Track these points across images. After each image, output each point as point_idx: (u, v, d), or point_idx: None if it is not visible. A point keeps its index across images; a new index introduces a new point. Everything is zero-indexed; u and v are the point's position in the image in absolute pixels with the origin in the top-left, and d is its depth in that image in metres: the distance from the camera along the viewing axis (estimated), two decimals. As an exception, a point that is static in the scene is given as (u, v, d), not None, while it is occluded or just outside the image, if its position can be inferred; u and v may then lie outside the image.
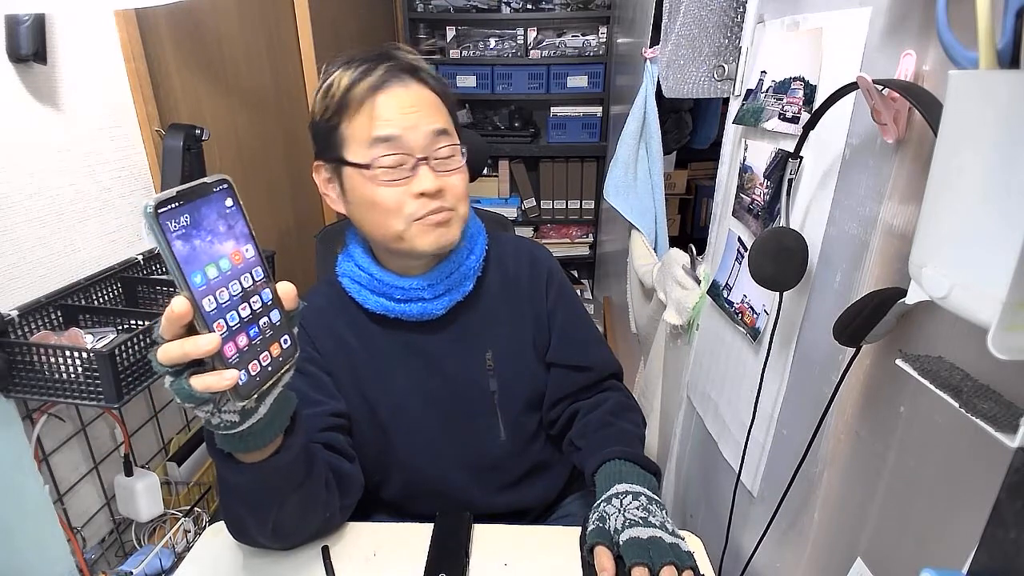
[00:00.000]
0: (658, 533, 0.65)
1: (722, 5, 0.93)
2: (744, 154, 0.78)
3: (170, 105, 1.24)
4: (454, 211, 0.78)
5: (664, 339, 1.26)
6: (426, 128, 0.74)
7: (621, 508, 0.69)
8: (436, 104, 0.77)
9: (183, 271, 0.44)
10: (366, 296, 0.82)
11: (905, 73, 0.48)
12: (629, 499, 0.71)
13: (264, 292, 0.51)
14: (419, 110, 0.75)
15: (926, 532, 0.46)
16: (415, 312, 0.81)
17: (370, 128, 0.73)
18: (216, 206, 0.47)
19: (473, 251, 0.84)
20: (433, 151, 0.75)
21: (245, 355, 0.49)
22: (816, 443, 0.59)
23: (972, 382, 0.39)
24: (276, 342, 0.52)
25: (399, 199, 0.75)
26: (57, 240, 0.94)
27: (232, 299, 0.48)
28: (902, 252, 0.49)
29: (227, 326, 0.47)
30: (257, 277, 0.51)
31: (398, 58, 0.77)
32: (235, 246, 0.49)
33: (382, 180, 0.74)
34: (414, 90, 0.76)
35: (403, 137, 0.73)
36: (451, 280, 0.82)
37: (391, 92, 0.74)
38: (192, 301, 0.45)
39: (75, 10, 0.97)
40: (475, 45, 2.75)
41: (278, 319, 0.52)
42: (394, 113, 0.74)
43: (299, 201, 1.85)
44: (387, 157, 0.73)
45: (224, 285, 0.47)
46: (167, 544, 1.03)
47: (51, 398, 0.81)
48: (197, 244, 0.45)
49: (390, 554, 0.76)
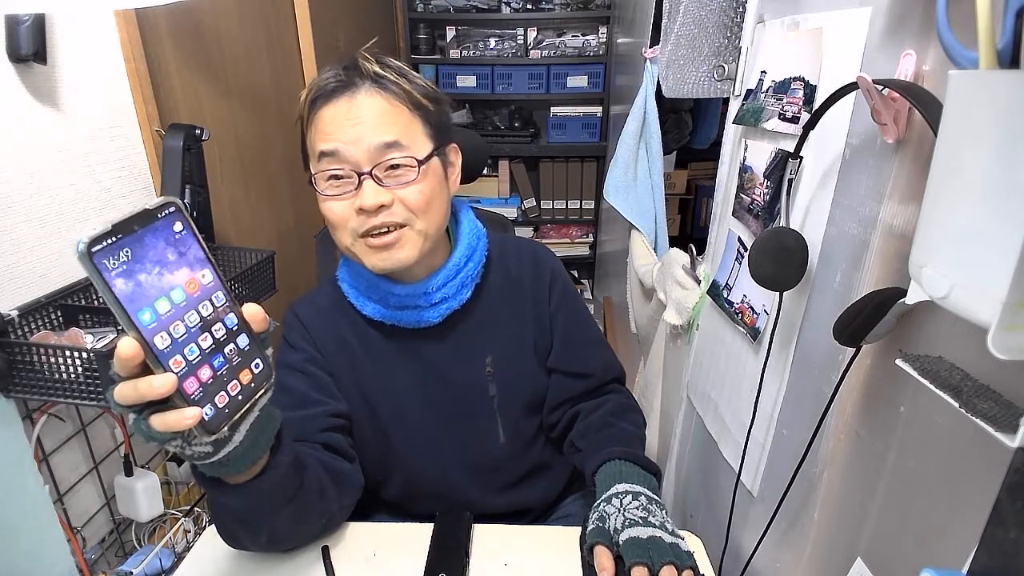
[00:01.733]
0: (658, 533, 0.65)
1: (722, 5, 0.93)
2: (744, 154, 0.78)
3: (170, 105, 1.24)
4: (407, 227, 0.74)
5: (664, 339, 1.26)
6: (370, 141, 0.71)
7: (621, 508, 0.69)
8: (387, 112, 0.72)
9: (127, 311, 0.41)
10: (363, 302, 0.82)
11: (905, 73, 0.48)
12: (629, 499, 0.70)
13: (228, 318, 0.48)
14: (363, 122, 0.71)
15: (926, 532, 0.46)
16: (411, 320, 0.81)
17: (316, 141, 0.73)
18: (163, 234, 0.44)
19: (471, 258, 0.82)
20: (380, 164, 0.71)
21: (210, 388, 0.46)
22: (816, 443, 0.59)
23: (972, 382, 0.39)
24: (246, 368, 0.49)
25: (343, 213, 0.73)
26: (57, 240, 0.94)
27: (190, 331, 0.45)
28: (902, 252, 0.49)
29: (186, 361, 0.45)
30: (218, 303, 0.47)
31: (358, 66, 0.73)
32: (189, 273, 0.45)
33: (326, 194, 0.73)
34: (360, 98, 0.72)
35: (343, 151, 0.71)
36: (447, 289, 0.80)
37: (337, 103, 0.72)
38: (142, 341, 0.42)
39: (75, 10, 0.97)
40: (475, 45, 2.75)
41: (246, 344, 0.50)
42: (336, 126, 0.71)
43: (299, 201, 1.85)
44: (329, 171, 0.72)
45: (179, 318, 0.44)
46: (167, 544, 1.03)
47: (51, 398, 0.81)
48: (143, 279, 0.42)
49: (390, 554, 0.76)
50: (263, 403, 0.53)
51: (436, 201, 0.76)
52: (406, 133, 0.73)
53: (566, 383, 0.89)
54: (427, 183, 0.74)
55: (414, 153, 0.73)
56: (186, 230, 0.45)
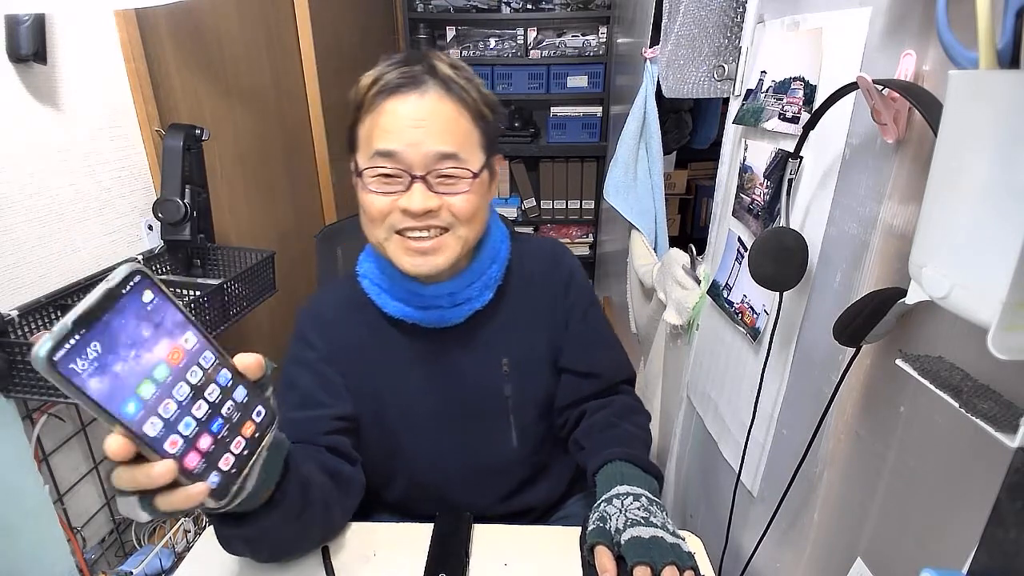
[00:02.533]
0: (660, 533, 0.65)
1: (722, 5, 0.93)
2: (744, 154, 0.78)
3: (170, 105, 1.24)
4: (449, 231, 0.74)
5: (664, 339, 1.26)
6: (429, 149, 0.70)
7: (622, 508, 0.69)
8: (452, 120, 0.71)
9: (108, 409, 0.37)
10: (385, 300, 0.81)
11: (905, 73, 0.48)
12: (630, 500, 0.70)
13: (220, 376, 0.45)
14: (427, 126, 0.70)
15: (926, 532, 0.46)
16: (433, 319, 0.80)
17: (373, 137, 0.71)
18: (133, 310, 0.39)
19: (496, 260, 0.82)
20: (435, 170, 0.71)
21: (212, 455, 0.44)
22: (816, 443, 0.59)
23: (972, 382, 0.39)
24: (247, 421, 0.47)
25: (385, 208, 0.72)
26: (57, 240, 0.94)
27: (182, 405, 0.42)
28: (902, 252, 0.49)
29: (182, 438, 0.42)
30: (207, 364, 0.44)
31: (428, 60, 0.72)
32: (170, 344, 0.41)
33: (372, 188, 0.72)
34: (430, 99, 0.70)
35: (402, 153, 0.70)
36: (471, 290, 0.80)
37: (402, 98, 0.70)
38: (130, 434, 0.39)
39: (75, 10, 0.97)
40: (475, 45, 2.75)
41: (244, 396, 0.46)
42: (398, 125, 0.70)
43: (299, 201, 1.85)
44: (381, 169, 0.71)
45: (167, 395, 0.41)
46: (167, 544, 1.03)
47: (51, 398, 0.81)
48: (120, 369, 0.38)
49: (390, 554, 0.76)
50: (268, 442, 0.50)
51: (480, 210, 0.76)
52: (465, 144, 0.72)
53: (575, 383, 0.89)
54: (476, 194, 0.74)
55: (470, 165, 0.72)
56: (157, 296, 0.40)
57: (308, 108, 1.88)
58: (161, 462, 0.41)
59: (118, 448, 0.39)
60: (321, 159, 1.94)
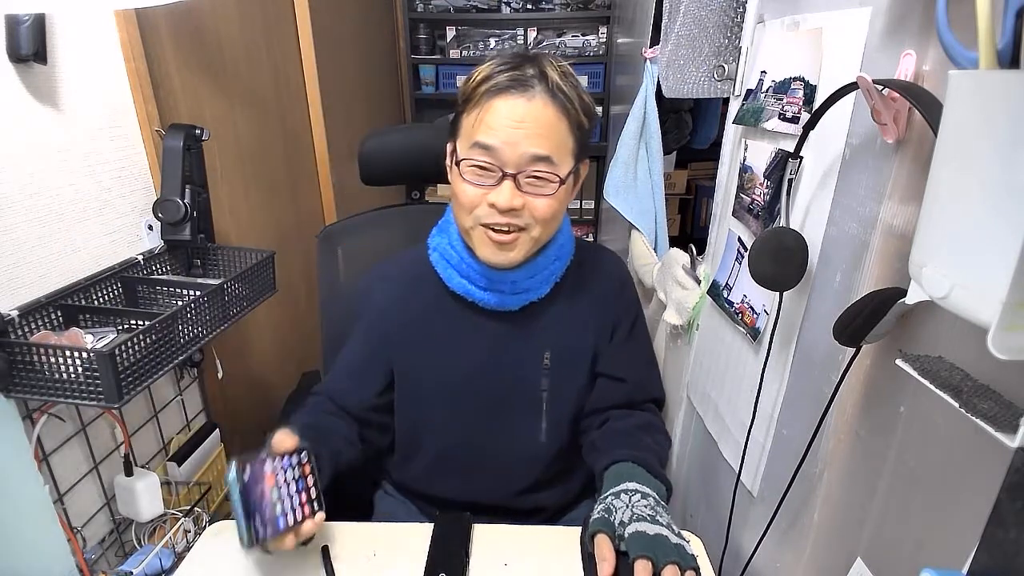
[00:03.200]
0: (664, 532, 0.65)
1: (722, 5, 0.93)
2: (744, 154, 0.78)
3: (170, 105, 1.24)
4: (525, 231, 0.78)
5: (664, 339, 1.26)
6: (525, 150, 0.73)
7: (629, 504, 0.70)
8: (552, 126, 0.75)
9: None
10: (451, 275, 0.86)
11: (905, 73, 0.48)
12: (638, 497, 0.71)
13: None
14: (528, 128, 0.73)
15: (926, 532, 0.46)
16: (493, 302, 0.85)
17: (475, 130, 0.75)
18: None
19: (560, 258, 0.87)
20: (526, 170, 0.75)
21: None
22: (816, 443, 0.59)
23: (972, 382, 0.39)
24: (303, 491, 0.70)
25: (475, 199, 0.77)
26: (57, 240, 0.94)
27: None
28: (902, 252, 0.49)
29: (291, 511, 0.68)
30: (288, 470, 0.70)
31: (540, 65, 0.75)
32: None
33: (466, 177, 0.77)
34: (535, 105, 0.73)
35: (499, 149, 0.74)
36: (533, 281, 0.85)
37: (509, 99, 0.73)
38: None
39: (75, 10, 0.97)
40: (475, 45, 2.75)
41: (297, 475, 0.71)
42: (501, 123, 0.73)
43: (299, 201, 1.85)
44: (477, 160, 0.75)
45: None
46: (167, 544, 1.03)
47: (51, 398, 0.81)
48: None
49: (390, 554, 0.76)
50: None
51: (559, 213, 0.81)
52: (559, 150, 0.75)
53: (607, 387, 0.91)
54: (559, 197, 0.78)
55: (559, 171, 0.76)
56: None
57: (308, 108, 1.88)
58: (309, 524, 0.67)
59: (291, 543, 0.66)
60: (321, 159, 1.94)
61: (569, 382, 0.89)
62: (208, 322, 0.99)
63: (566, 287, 0.89)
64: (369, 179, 1.16)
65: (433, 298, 0.89)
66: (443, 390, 0.90)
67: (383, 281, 0.94)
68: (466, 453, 0.91)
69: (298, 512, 0.67)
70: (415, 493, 0.97)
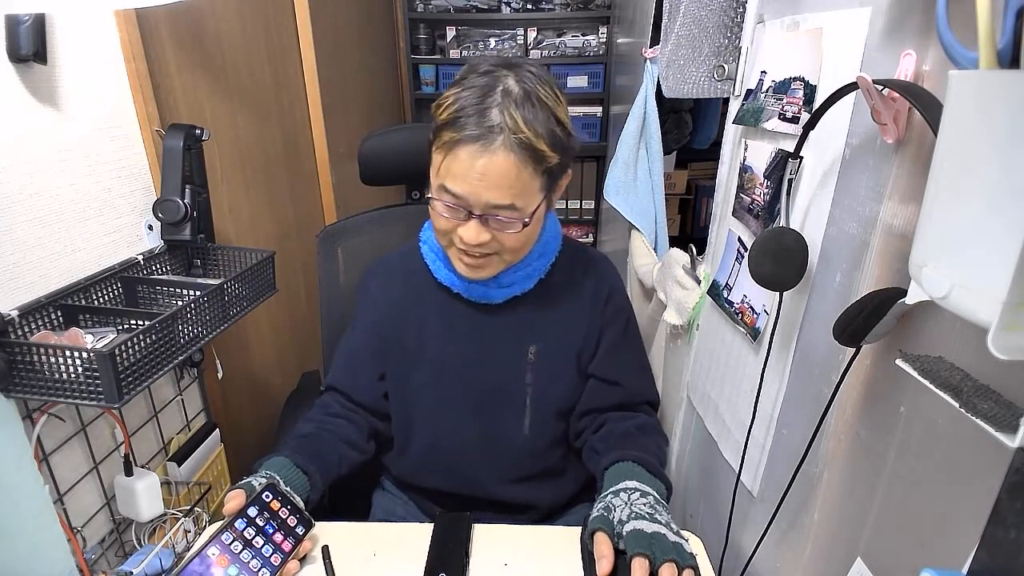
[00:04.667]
0: (662, 530, 0.66)
1: (722, 5, 0.93)
2: (744, 154, 0.78)
3: (170, 105, 1.23)
4: (497, 255, 0.82)
5: (664, 339, 1.26)
6: (487, 199, 0.75)
7: (628, 502, 0.70)
8: (514, 176, 0.75)
9: None
10: (439, 267, 0.90)
11: (905, 73, 0.48)
12: (638, 495, 0.72)
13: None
14: (488, 180, 0.74)
15: (926, 532, 0.46)
16: (476, 294, 0.88)
17: (442, 172, 0.77)
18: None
19: (544, 255, 0.89)
20: (491, 213, 0.77)
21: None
22: (816, 443, 0.59)
23: (972, 382, 0.39)
24: (278, 530, 0.72)
25: (447, 227, 0.80)
26: (57, 240, 0.94)
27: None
28: (902, 252, 0.49)
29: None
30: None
31: (504, 107, 0.73)
32: None
33: (437, 210, 0.80)
34: (497, 158, 0.73)
35: (464, 196, 0.76)
36: (516, 276, 0.87)
37: (472, 152, 0.73)
38: None
39: (75, 10, 0.97)
40: (475, 45, 2.75)
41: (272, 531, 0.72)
42: (464, 173, 0.75)
43: (299, 201, 1.85)
44: (446, 201, 0.78)
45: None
46: (167, 544, 1.03)
47: (51, 398, 0.81)
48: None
49: (390, 554, 0.76)
50: None
51: (529, 242, 0.84)
52: (523, 194, 0.77)
53: (600, 390, 0.92)
54: (527, 231, 0.80)
55: (524, 215, 0.78)
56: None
57: (308, 108, 1.88)
58: (292, 564, 0.71)
59: None
60: (321, 159, 1.94)
61: (553, 378, 0.90)
62: (208, 322, 0.99)
63: (553, 285, 0.90)
64: (369, 179, 1.16)
65: (423, 290, 0.92)
66: (431, 380, 0.91)
67: (378, 273, 0.98)
68: (455, 444, 0.92)
69: (277, 556, 0.70)
70: (411, 487, 0.99)
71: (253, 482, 0.76)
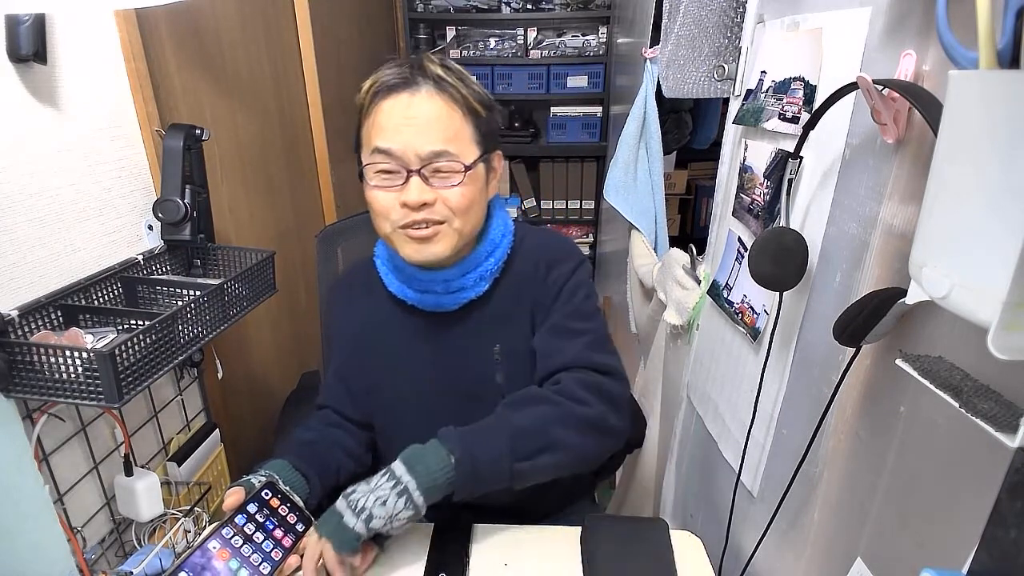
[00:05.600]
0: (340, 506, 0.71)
1: (722, 5, 0.93)
2: (744, 154, 0.78)
3: (170, 105, 1.23)
4: (444, 224, 0.78)
5: (664, 339, 1.26)
6: (422, 146, 0.74)
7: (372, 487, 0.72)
8: (442, 117, 0.75)
9: None
10: (392, 280, 0.87)
11: (905, 73, 0.48)
12: (385, 478, 0.73)
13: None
14: (419, 123, 0.74)
15: (926, 532, 0.46)
16: (429, 303, 0.85)
17: (372, 136, 0.76)
18: None
19: (493, 254, 0.85)
20: (430, 165, 0.75)
21: None
22: (816, 443, 0.59)
23: (972, 382, 0.39)
24: (279, 526, 0.73)
25: (387, 204, 0.77)
26: (57, 240, 0.94)
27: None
28: (902, 252, 0.49)
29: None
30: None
31: (423, 65, 0.76)
32: None
33: (373, 184, 0.77)
34: (420, 98, 0.75)
35: (397, 150, 0.74)
36: (466, 279, 0.83)
37: (397, 99, 0.75)
38: None
39: (75, 10, 0.97)
40: (475, 45, 2.75)
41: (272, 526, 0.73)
42: (393, 123, 0.74)
43: (299, 201, 1.85)
44: (380, 165, 0.76)
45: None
46: (167, 544, 1.03)
47: (51, 398, 0.81)
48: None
49: (390, 554, 0.76)
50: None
51: (476, 204, 0.80)
52: (456, 139, 0.76)
53: (535, 365, 0.86)
54: (470, 187, 0.78)
55: (462, 159, 0.76)
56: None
57: (308, 108, 1.88)
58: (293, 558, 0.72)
59: None
60: (321, 159, 1.94)
61: (523, 373, 0.87)
62: (208, 322, 0.99)
63: (509, 280, 0.87)
64: (369, 179, 1.15)
65: (381, 304, 0.90)
66: (404, 395, 0.90)
67: (339, 289, 0.97)
68: None
69: (277, 551, 0.70)
70: None
71: (253, 479, 0.76)
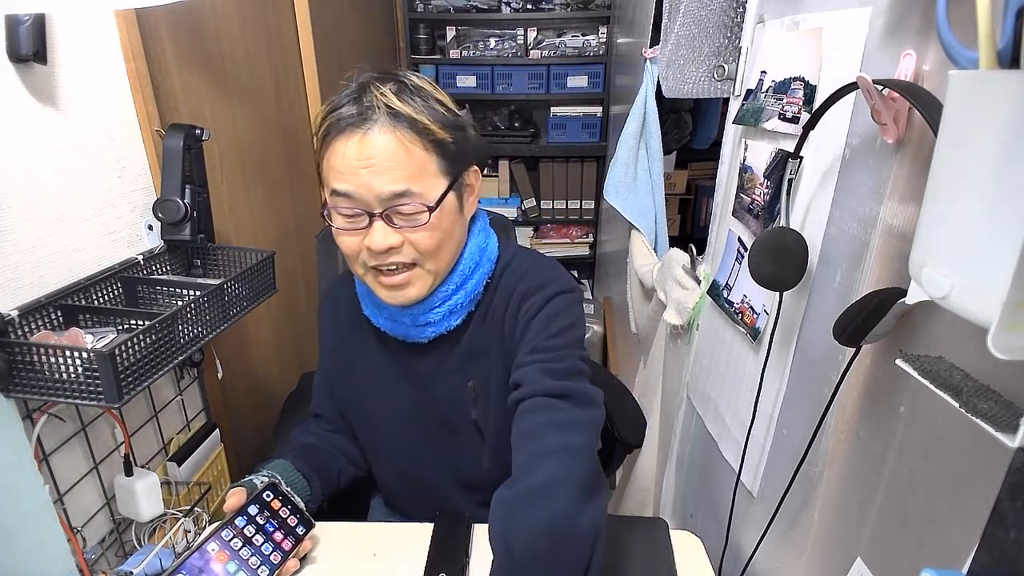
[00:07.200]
0: None
1: (722, 5, 0.93)
2: (744, 154, 0.78)
3: (170, 105, 1.23)
4: (417, 266, 0.73)
5: (664, 339, 1.26)
6: (379, 189, 0.68)
7: None
8: (401, 156, 0.68)
9: None
10: (366, 303, 0.84)
11: (905, 73, 0.48)
12: None
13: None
14: (375, 165, 0.68)
15: (926, 532, 0.46)
16: (400, 333, 0.82)
17: (330, 177, 0.71)
18: None
19: (463, 286, 0.78)
20: (392, 207, 0.70)
21: None
22: (816, 443, 0.59)
23: (972, 382, 0.39)
24: (279, 528, 0.73)
25: (354, 247, 0.73)
26: (57, 240, 0.94)
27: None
28: (902, 252, 0.49)
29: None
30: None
31: (371, 93, 0.70)
32: None
33: (337, 227, 0.73)
34: (373, 137, 0.68)
35: (356, 194, 0.69)
36: (433, 314, 0.78)
37: (349, 140, 0.68)
38: None
39: (75, 10, 0.97)
40: (475, 45, 2.75)
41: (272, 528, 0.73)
42: (349, 166, 0.69)
43: (299, 201, 1.85)
44: (341, 208, 0.71)
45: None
46: (167, 544, 1.03)
47: (51, 398, 0.81)
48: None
49: (390, 554, 0.76)
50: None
51: (447, 240, 0.75)
52: (419, 176, 0.70)
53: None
54: (438, 225, 0.72)
55: (426, 199, 0.70)
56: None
57: (308, 108, 1.88)
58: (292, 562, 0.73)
59: None
60: (321, 159, 1.94)
61: (498, 410, 0.82)
62: (208, 322, 0.99)
63: (486, 313, 0.81)
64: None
65: (358, 327, 0.87)
66: (380, 414, 0.88)
67: (327, 301, 0.95)
68: (422, 474, 0.89)
69: (276, 554, 0.70)
70: (398, 510, 0.97)
71: (255, 480, 0.76)
